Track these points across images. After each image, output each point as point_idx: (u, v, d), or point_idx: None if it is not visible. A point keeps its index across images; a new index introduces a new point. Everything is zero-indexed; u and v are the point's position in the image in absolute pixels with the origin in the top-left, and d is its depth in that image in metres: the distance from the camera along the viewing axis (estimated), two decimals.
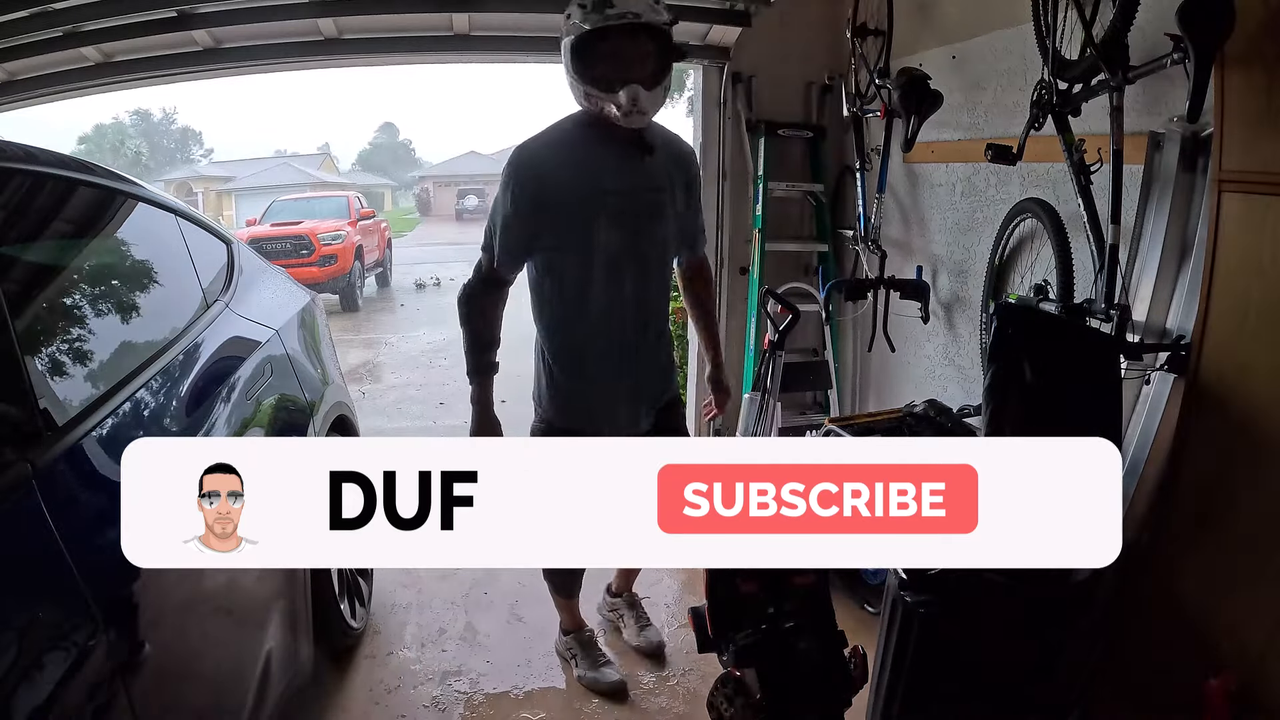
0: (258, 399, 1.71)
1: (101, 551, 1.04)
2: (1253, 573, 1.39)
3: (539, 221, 1.68)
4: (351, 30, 3.05)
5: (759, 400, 1.91)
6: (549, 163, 1.69)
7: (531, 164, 1.69)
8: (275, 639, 1.56)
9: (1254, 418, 1.43)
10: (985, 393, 1.58)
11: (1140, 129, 1.75)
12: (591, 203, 1.67)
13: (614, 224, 1.69)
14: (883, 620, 1.68)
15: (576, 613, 2.14)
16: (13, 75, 2.97)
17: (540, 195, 1.67)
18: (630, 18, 1.56)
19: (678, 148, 1.84)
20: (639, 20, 1.57)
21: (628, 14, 1.56)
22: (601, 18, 1.56)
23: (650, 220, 1.74)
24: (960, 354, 2.69)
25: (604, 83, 1.62)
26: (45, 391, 1.11)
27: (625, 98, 1.61)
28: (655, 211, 1.74)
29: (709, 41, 3.24)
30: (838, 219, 3.38)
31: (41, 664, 0.89)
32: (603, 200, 1.68)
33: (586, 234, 1.69)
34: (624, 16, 1.56)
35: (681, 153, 1.84)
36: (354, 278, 9.66)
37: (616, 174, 1.69)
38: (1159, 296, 1.69)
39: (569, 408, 1.81)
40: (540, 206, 1.67)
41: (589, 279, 1.72)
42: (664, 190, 1.75)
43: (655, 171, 1.73)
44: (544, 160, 1.70)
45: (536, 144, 1.73)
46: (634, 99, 1.61)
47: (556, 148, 1.71)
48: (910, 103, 2.35)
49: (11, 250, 1.20)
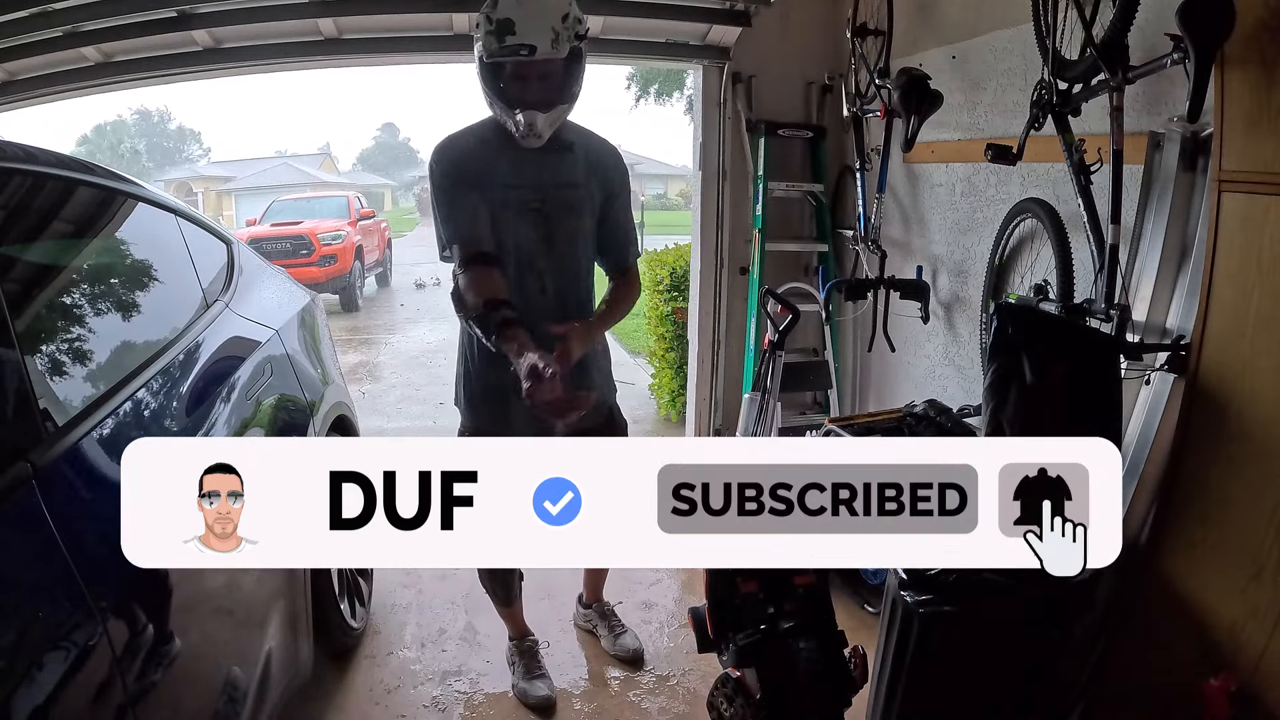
0: (258, 399, 1.71)
1: (101, 551, 1.04)
2: (1253, 573, 1.39)
3: (460, 208, 1.67)
4: (351, 30, 3.05)
5: (759, 400, 1.91)
6: (462, 157, 1.69)
7: (446, 157, 1.70)
8: (275, 639, 1.56)
9: (1254, 418, 1.42)
10: (985, 392, 1.58)
11: (1140, 129, 1.75)
12: (499, 197, 1.67)
13: (524, 221, 1.69)
14: (883, 620, 1.68)
15: (520, 620, 2.13)
16: (13, 75, 2.97)
17: (455, 187, 1.67)
18: (524, 53, 1.54)
19: (599, 149, 1.79)
20: (533, 56, 1.55)
21: (523, 47, 1.54)
22: (499, 48, 1.55)
23: (564, 217, 1.72)
24: (960, 354, 2.68)
25: (502, 103, 1.62)
26: (45, 391, 1.11)
27: (522, 123, 1.61)
28: (567, 208, 1.72)
29: (709, 41, 3.25)
30: (838, 219, 3.38)
31: (41, 664, 0.89)
32: (509, 195, 1.67)
33: (498, 229, 1.68)
34: (518, 51, 1.54)
35: (602, 154, 1.79)
36: (354, 278, 9.66)
37: (525, 170, 1.68)
38: (1159, 296, 1.69)
39: (485, 407, 1.80)
40: (457, 196, 1.67)
41: (505, 276, 1.69)
42: (578, 187, 1.73)
43: (568, 169, 1.71)
44: (457, 155, 1.70)
45: (453, 139, 1.73)
46: (530, 124, 1.61)
47: (470, 143, 1.71)
48: (910, 103, 2.35)
49: (11, 250, 1.20)
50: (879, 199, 2.88)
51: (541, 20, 1.55)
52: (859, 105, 2.97)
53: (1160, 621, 1.57)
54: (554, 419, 1.41)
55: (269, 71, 3.19)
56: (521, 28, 1.53)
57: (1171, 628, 1.54)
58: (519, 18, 1.54)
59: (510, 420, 1.74)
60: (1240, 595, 1.41)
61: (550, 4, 1.56)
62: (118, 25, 2.80)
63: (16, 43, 2.79)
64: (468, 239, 1.67)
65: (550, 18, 1.55)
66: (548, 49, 1.55)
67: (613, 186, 1.80)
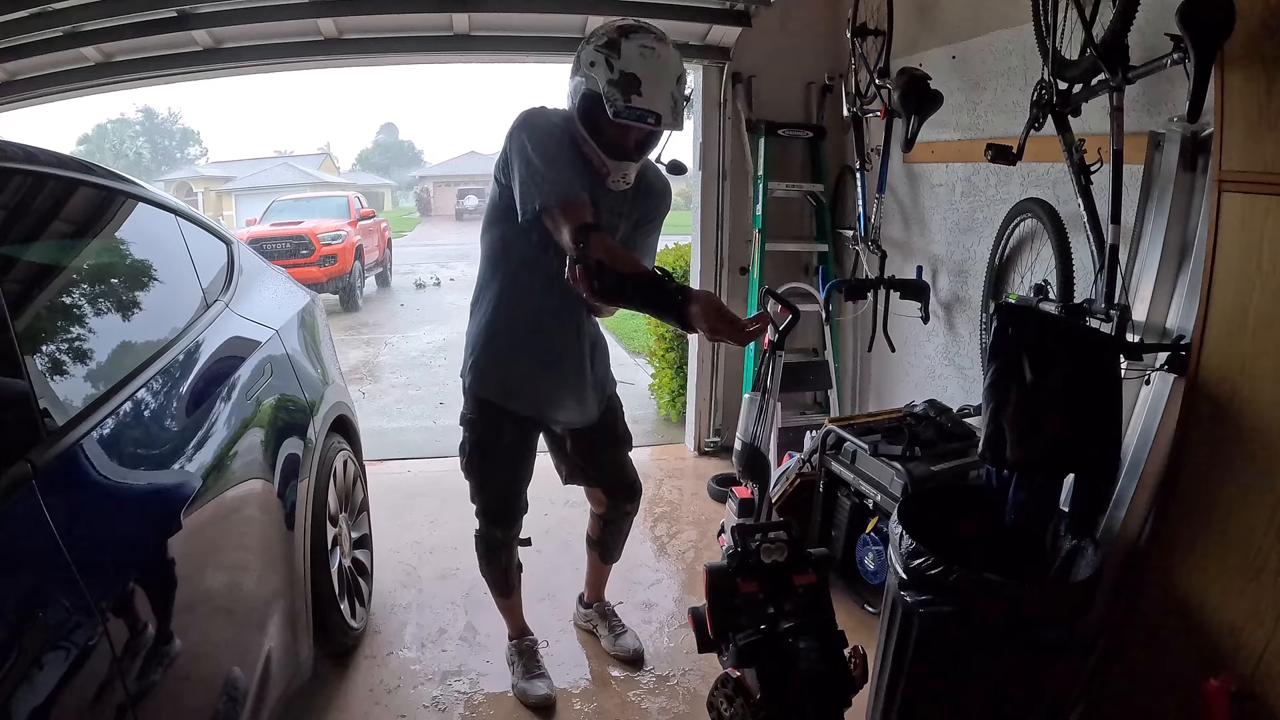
0: (258, 399, 1.71)
1: (101, 551, 1.04)
2: (1253, 573, 1.39)
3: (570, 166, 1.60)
4: (351, 30, 3.06)
5: (759, 400, 1.90)
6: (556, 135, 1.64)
7: (549, 121, 1.65)
8: (275, 639, 1.56)
9: (1254, 418, 1.43)
10: (985, 392, 1.58)
11: (1140, 129, 1.75)
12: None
13: None
14: (883, 620, 1.68)
15: (519, 617, 2.14)
16: (13, 75, 2.98)
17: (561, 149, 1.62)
18: (650, 121, 1.53)
19: (652, 181, 1.79)
20: (656, 126, 1.54)
21: (650, 115, 1.52)
22: (625, 107, 1.51)
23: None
24: (960, 354, 2.69)
25: (601, 147, 1.60)
26: (45, 391, 1.11)
27: (616, 172, 1.62)
28: (611, 233, 1.70)
29: (709, 41, 3.25)
30: (838, 219, 3.38)
31: (41, 664, 0.89)
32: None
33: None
34: (645, 119, 1.52)
35: (655, 185, 1.79)
36: (354, 278, 9.67)
37: (593, 183, 1.65)
38: (1159, 296, 1.69)
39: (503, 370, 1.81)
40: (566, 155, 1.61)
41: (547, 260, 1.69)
42: (619, 215, 1.74)
43: (619, 199, 1.72)
44: (554, 131, 1.64)
45: (546, 118, 1.67)
46: (624, 174, 1.63)
47: (562, 132, 1.66)
48: (910, 103, 2.36)
49: (11, 250, 1.20)
50: (879, 199, 2.88)
51: (665, 84, 1.52)
52: (859, 105, 2.97)
53: (1160, 621, 1.57)
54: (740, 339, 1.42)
55: (269, 71, 3.19)
56: (648, 90, 1.51)
57: (1171, 628, 1.54)
58: (645, 77, 1.50)
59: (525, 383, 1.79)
60: (1240, 595, 1.41)
61: (672, 64, 1.54)
62: (118, 25, 2.80)
63: (16, 43, 2.79)
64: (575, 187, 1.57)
65: (670, 81, 1.53)
66: (669, 120, 1.54)
67: (649, 215, 1.82)
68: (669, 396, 4.31)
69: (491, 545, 1.97)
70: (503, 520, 1.94)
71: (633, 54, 1.51)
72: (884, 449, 2.24)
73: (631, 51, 1.51)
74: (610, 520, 2.10)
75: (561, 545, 2.67)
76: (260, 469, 1.60)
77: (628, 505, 2.07)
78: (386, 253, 11.86)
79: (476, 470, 1.89)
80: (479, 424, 1.86)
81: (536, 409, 1.85)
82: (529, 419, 1.87)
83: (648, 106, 1.52)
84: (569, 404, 1.86)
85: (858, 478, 2.33)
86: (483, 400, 1.84)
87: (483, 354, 1.82)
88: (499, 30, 3.11)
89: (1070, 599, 1.52)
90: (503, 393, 1.82)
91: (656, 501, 3.22)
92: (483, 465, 1.88)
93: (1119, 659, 1.65)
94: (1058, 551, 1.66)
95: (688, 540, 2.89)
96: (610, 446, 1.99)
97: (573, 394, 1.85)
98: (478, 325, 1.83)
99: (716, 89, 3.31)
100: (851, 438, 2.34)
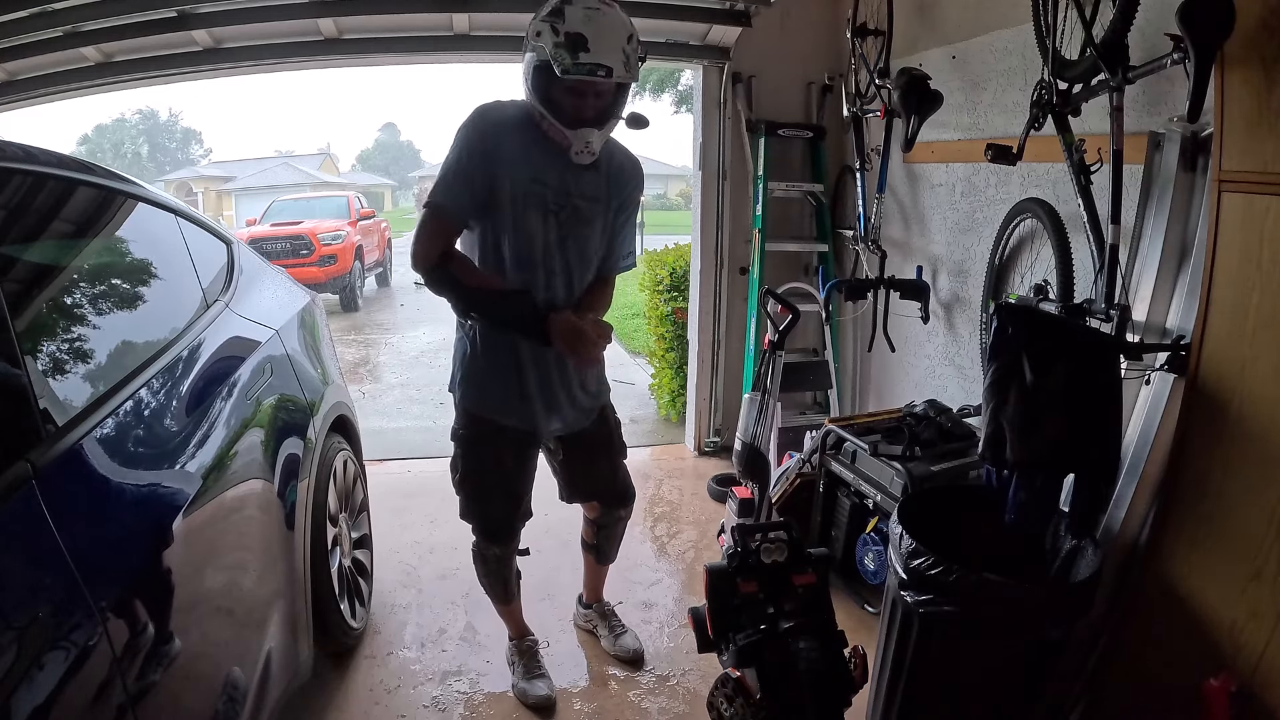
0: (257, 399, 1.71)
1: (101, 551, 1.04)
2: (1253, 573, 1.39)
3: (483, 179, 1.62)
4: (351, 30, 3.06)
5: (759, 400, 1.91)
6: (498, 132, 1.64)
7: (482, 126, 1.64)
8: (275, 639, 1.56)
9: (1254, 418, 1.42)
10: (985, 392, 1.58)
11: (1140, 129, 1.75)
12: (521, 189, 1.64)
13: (540, 220, 1.66)
14: (883, 620, 1.68)
15: (519, 620, 2.14)
16: (13, 75, 2.98)
17: (488, 158, 1.62)
18: (600, 74, 1.51)
19: (623, 162, 1.77)
20: (609, 78, 1.53)
21: (600, 68, 1.50)
22: (573, 64, 1.49)
23: (578, 227, 1.70)
24: (960, 354, 2.69)
25: (557, 117, 1.59)
26: (45, 391, 1.11)
27: (578, 141, 1.60)
28: (584, 219, 1.71)
29: (709, 41, 3.25)
30: (838, 219, 3.38)
31: (41, 664, 0.88)
32: (531, 190, 1.64)
33: (520, 220, 1.65)
34: (595, 71, 1.50)
35: (625, 167, 1.77)
36: (354, 278, 9.66)
37: (551, 170, 1.65)
38: (1159, 296, 1.69)
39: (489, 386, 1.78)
40: (489, 165, 1.62)
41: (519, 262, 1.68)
42: (598, 201, 1.72)
43: (591, 180, 1.70)
44: (500, 131, 1.64)
45: (498, 110, 1.67)
46: (587, 142, 1.61)
47: (513, 125, 1.66)
48: (910, 103, 2.36)
49: (11, 250, 1.20)
50: (879, 199, 2.88)
51: (613, 40, 1.51)
52: (859, 105, 2.97)
53: (1160, 621, 1.57)
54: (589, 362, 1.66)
55: (269, 71, 3.19)
56: (594, 46, 1.49)
57: (1171, 628, 1.54)
58: (591, 35, 1.49)
59: (511, 400, 1.77)
60: (1240, 595, 1.41)
61: (618, 23, 1.54)
62: (118, 25, 2.80)
63: (16, 43, 2.79)
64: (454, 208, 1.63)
65: (619, 38, 1.52)
66: (622, 72, 1.53)
67: (626, 200, 1.79)
68: (669, 396, 4.31)
69: (488, 560, 1.95)
70: (500, 537, 1.91)
71: (576, 15, 1.51)
72: (884, 449, 2.24)
73: (575, 14, 1.51)
74: (604, 525, 2.10)
75: (561, 545, 2.67)
76: (260, 469, 1.60)
77: (620, 510, 2.07)
78: (386, 253, 11.85)
79: (469, 488, 1.86)
80: (471, 438, 1.83)
81: (530, 422, 1.80)
82: (525, 432, 1.82)
83: (596, 60, 1.50)
84: (560, 411, 1.83)
85: (858, 478, 2.34)
86: (474, 415, 1.81)
87: (470, 371, 1.80)
88: (499, 30, 3.11)
89: (1070, 599, 1.52)
90: (494, 409, 1.79)
91: (656, 501, 3.22)
92: (476, 483, 1.85)
93: (1119, 659, 1.65)
94: (1058, 551, 1.66)
95: (688, 540, 2.89)
96: (606, 458, 1.98)
97: (564, 403, 1.82)
98: (459, 343, 1.82)
99: (716, 89, 3.31)
100: (851, 438, 2.34)
